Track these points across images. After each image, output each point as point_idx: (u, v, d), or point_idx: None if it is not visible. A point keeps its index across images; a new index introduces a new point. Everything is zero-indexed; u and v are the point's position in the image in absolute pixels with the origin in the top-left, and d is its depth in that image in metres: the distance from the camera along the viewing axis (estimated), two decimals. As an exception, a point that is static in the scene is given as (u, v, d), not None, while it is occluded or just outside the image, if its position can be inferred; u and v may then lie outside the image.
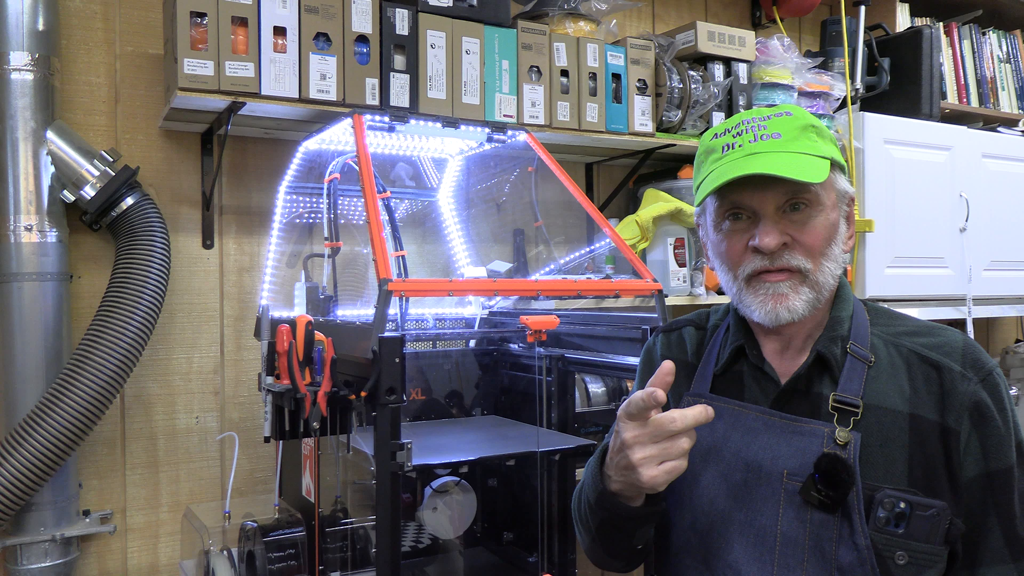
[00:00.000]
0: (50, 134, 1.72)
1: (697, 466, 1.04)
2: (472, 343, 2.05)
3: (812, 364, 1.01)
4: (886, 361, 1.00)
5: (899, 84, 2.73)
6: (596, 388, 2.21)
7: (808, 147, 0.98)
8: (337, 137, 1.79)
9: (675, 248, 2.29)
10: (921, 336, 1.02)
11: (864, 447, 0.95)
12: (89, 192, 1.74)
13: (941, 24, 2.96)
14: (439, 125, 1.75)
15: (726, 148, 1.01)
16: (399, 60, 1.85)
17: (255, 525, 1.64)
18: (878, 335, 1.03)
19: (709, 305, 2.46)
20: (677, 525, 1.07)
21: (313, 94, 1.74)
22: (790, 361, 1.05)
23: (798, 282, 0.99)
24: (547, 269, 2.35)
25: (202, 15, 1.64)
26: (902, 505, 0.92)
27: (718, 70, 2.33)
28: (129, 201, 1.79)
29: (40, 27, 1.70)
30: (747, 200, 0.99)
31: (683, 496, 1.06)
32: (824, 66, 2.62)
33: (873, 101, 2.72)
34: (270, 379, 1.51)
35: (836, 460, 0.93)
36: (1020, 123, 3.12)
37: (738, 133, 1.01)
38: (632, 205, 2.49)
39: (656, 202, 2.28)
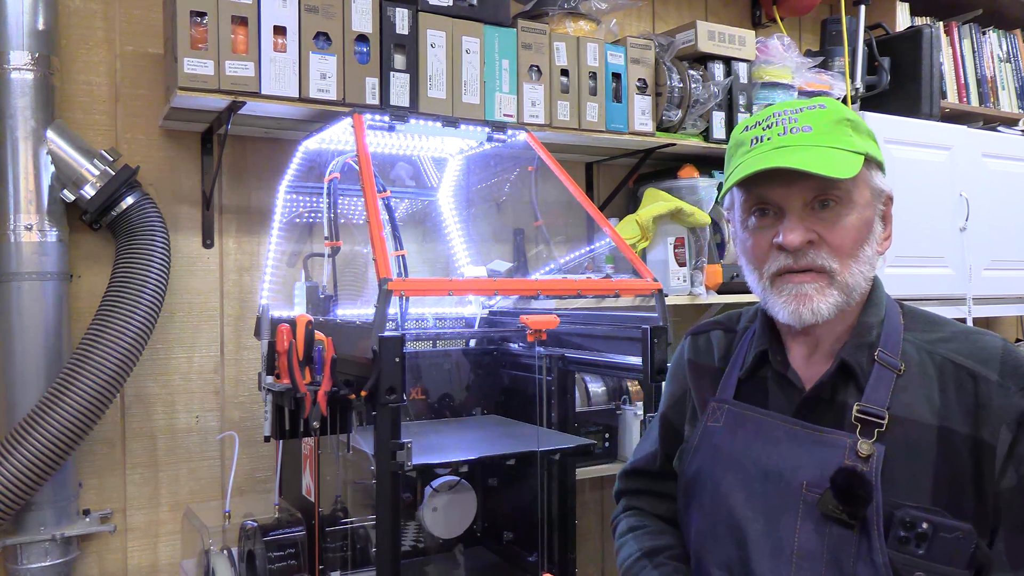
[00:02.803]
0: (50, 133, 1.72)
1: (717, 473, 1.02)
2: (472, 343, 2.05)
3: (837, 372, 0.97)
4: (917, 370, 0.95)
5: (899, 83, 2.73)
6: (596, 388, 2.21)
7: (841, 142, 0.94)
8: (337, 136, 1.79)
9: (675, 247, 2.29)
10: (957, 342, 0.97)
11: (888, 461, 0.91)
12: (89, 191, 1.74)
13: (941, 23, 2.95)
14: (439, 124, 1.74)
15: (755, 141, 0.98)
16: (399, 59, 1.85)
17: (255, 524, 1.65)
18: (911, 341, 0.98)
19: (709, 305, 2.47)
20: (696, 531, 1.05)
21: (313, 93, 1.74)
22: (816, 367, 1.01)
23: (825, 283, 0.95)
24: (547, 269, 2.35)
25: (202, 14, 1.64)
26: (924, 526, 0.88)
27: (718, 69, 2.32)
28: (129, 200, 1.79)
29: (40, 26, 1.70)
30: (772, 195, 0.96)
31: (703, 503, 1.04)
32: (824, 65, 2.62)
33: (873, 100, 2.72)
34: (270, 379, 1.51)
35: (853, 475, 0.90)
36: (1020, 123, 3.11)
37: (768, 126, 0.98)
38: (632, 205, 2.49)
39: (656, 201, 2.28)
